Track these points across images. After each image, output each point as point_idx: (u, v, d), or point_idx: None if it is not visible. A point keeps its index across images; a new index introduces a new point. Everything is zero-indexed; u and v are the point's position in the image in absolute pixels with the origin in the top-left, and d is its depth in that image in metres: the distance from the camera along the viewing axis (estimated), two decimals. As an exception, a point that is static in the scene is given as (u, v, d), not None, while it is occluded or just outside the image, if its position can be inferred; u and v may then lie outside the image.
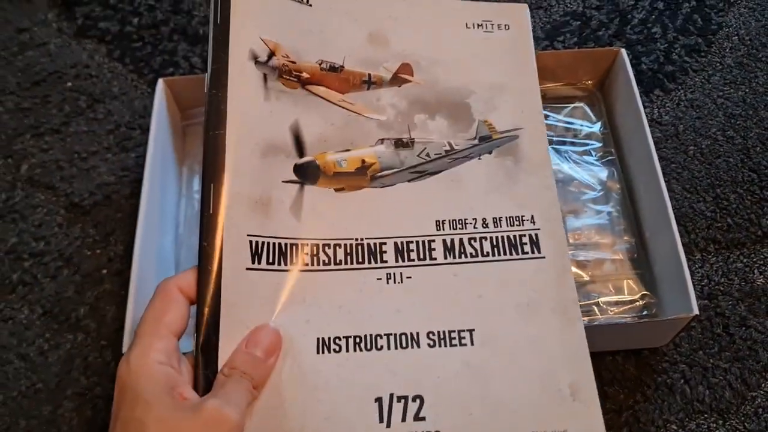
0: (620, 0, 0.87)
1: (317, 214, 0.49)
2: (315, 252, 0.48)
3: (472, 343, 0.47)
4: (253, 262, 0.46)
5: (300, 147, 0.50)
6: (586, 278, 0.66)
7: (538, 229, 0.51)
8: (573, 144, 0.72)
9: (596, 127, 0.73)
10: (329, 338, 0.46)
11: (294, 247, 0.47)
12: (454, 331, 0.47)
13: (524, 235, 0.51)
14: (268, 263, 0.46)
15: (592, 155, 0.72)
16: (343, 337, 0.46)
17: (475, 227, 0.51)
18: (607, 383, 0.63)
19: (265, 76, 0.50)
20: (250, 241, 0.46)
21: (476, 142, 0.54)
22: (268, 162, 0.48)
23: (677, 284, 0.59)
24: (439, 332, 0.47)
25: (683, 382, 0.63)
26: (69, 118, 0.78)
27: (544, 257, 0.50)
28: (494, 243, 0.50)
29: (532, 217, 0.51)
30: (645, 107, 0.68)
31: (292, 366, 0.45)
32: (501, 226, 0.51)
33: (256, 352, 0.43)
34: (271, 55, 0.50)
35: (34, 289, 0.68)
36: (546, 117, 0.74)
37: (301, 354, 0.45)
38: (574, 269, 0.65)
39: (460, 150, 0.53)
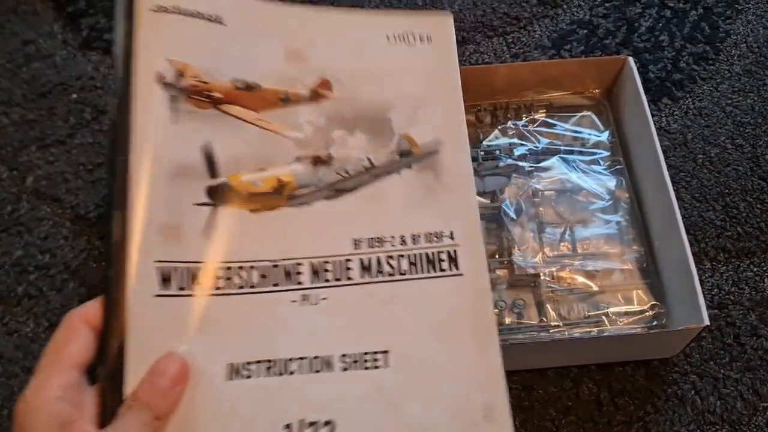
0: (627, 8, 0.86)
1: (231, 237, 0.48)
2: (229, 275, 0.47)
3: (387, 365, 0.46)
4: (163, 289, 0.45)
5: (212, 168, 0.48)
6: (595, 288, 0.65)
7: (458, 245, 0.49)
8: (581, 153, 0.72)
9: (604, 136, 0.73)
10: (241, 364, 0.45)
11: (206, 272, 0.46)
12: (368, 353, 0.46)
13: (443, 252, 0.49)
14: (179, 289, 0.45)
15: (600, 164, 0.71)
16: (255, 362, 0.45)
17: (393, 245, 0.49)
18: (617, 394, 0.63)
19: (173, 97, 0.49)
20: (159, 267, 0.45)
21: (396, 157, 0.52)
22: (178, 185, 0.47)
23: (687, 294, 0.59)
24: (353, 355, 0.46)
25: (694, 393, 0.63)
26: (74, 129, 0.78)
27: (462, 275, 0.49)
28: (412, 261, 0.49)
29: (452, 233, 0.50)
30: (653, 115, 0.68)
31: (202, 394, 0.44)
32: (419, 243, 0.49)
33: (160, 382, 0.42)
34: (179, 76, 0.49)
35: (39, 302, 0.68)
36: (553, 126, 0.73)
37: (211, 381, 0.44)
38: (583, 279, 0.65)
39: (379, 166, 0.52)
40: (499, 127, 0.73)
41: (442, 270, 0.49)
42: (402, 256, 0.49)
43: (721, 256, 0.70)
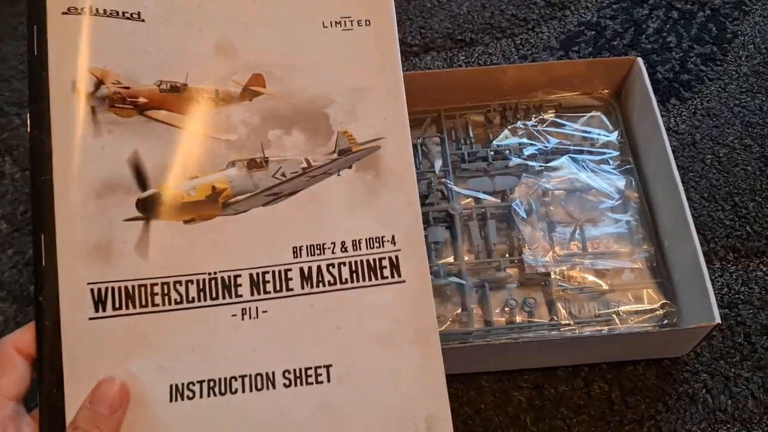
0: (634, 10, 0.87)
1: (166, 250, 0.45)
2: (166, 291, 0.45)
3: (329, 380, 0.45)
4: (97, 311, 0.43)
5: (141, 180, 0.46)
6: (606, 287, 0.65)
7: (399, 250, 0.47)
8: (590, 153, 0.72)
9: (613, 136, 0.73)
10: (182, 384, 0.44)
11: (142, 289, 0.44)
12: (310, 368, 0.45)
13: (384, 259, 0.47)
14: (114, 309, 0.44)
15: (609, 164, 0.71)
16: (197, 382, 0.44)
17: (333, 252, 0.47)
18: (628, 393, 0.63)
19: (93, 108, 0.46)
20: (92, 290, 0.43)
21: (335, 156, 0.49)
22: (106, 202, 0.45)
23: (698, 293, 0.59)
24: (295, 370, 0.45)
25: (705, 392, 0.63)
26: (85, 130, 0.78)
27: (404, 281, 0.47)
28: (353, 269, 0.47)
29: (393, 238, 0.47)
30: (661, 116, 0.68)
31: (144, 418, 0.43)
32: (360, 250, 0.47)
33: (99, 408, 0.41)
34: (99, 84, 0.46)
35: (51, 301, 0.68)
36: (562, 126, 0.74)
37: (152, 404, 0.43)
38: (593, 278, 0.65)
39: (318, 167, 0.49)
40: (509, 127, 0.74)
41: (384, 277, 0.47)
42: (343, 263, 0.47)
43: (731, 255, 0.70)
